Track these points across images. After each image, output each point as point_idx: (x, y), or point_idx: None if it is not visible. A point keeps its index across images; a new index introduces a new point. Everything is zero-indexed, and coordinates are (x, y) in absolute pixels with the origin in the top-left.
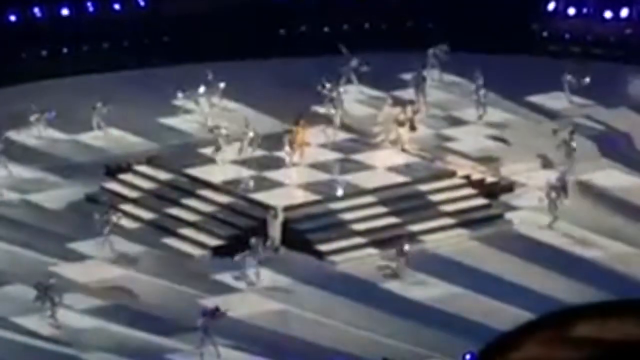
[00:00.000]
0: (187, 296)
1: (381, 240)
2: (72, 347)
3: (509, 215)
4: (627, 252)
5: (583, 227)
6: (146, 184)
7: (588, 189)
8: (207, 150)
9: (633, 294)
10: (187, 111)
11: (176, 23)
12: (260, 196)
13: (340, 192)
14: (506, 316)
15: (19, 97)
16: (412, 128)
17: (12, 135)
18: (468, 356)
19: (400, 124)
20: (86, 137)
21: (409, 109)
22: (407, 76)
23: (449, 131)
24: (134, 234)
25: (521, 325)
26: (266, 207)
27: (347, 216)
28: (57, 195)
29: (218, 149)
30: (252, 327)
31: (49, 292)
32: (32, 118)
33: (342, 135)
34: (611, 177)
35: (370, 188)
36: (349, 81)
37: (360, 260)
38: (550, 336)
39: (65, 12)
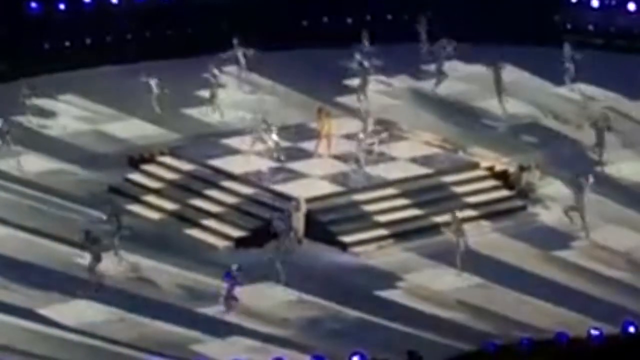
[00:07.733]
0: (211, 288)
1: (403, 232)
2: (95, 338)
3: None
4: None
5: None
6: (169, 175)
7: (612, 181)
8: (230, 141)
9: None
10: (210, 102)
11: (199, 13)
12: (283, 187)
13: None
14: (528, 309)
15: (41, 88)
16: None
17: (33, 125)
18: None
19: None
20: (108, 128)
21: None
22: (429, 67)
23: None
24: (156, 224)
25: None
26: (289, 199)
27: (370, 208)
28: (80, 186)
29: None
30: (274, 319)
31: (94, 244)
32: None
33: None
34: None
35: (392, 180)
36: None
37: (382, 252)
38: None
39: (88, 1)
